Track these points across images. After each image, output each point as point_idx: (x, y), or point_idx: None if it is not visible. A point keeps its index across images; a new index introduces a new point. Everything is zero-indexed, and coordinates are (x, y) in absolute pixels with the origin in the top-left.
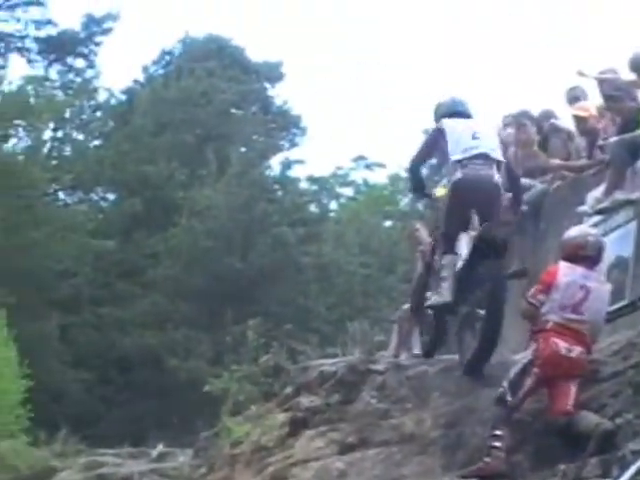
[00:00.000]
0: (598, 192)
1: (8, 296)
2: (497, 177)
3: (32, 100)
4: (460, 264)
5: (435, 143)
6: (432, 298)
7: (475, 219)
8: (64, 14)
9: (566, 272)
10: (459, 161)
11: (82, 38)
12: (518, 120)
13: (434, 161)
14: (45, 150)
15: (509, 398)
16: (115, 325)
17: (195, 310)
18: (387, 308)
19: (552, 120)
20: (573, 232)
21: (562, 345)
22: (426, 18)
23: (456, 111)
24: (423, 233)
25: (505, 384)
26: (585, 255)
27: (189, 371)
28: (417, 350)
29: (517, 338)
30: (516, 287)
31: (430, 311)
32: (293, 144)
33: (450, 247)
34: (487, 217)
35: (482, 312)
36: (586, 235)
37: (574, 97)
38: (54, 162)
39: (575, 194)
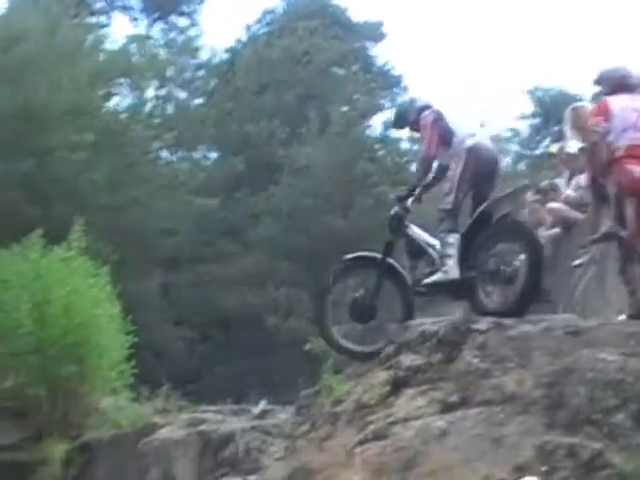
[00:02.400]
0: None
1: (112, 253)
2: None
3: (135, 59)
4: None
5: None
6: (436, 275)
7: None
8: None
9: (615, 101)
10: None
11: None
12: None
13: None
14: (148, 108)
15: (622, 233)
16: (216, 283)
17: (296, 269)
18: None
19: None
20: (611, 67)
21: (636, 169)
22: None
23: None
24: (529, 195)
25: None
26: (630, 84)
27: (289, 330)
28: None
29: (621, 299)
30: (614, 249)
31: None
32: (394, 104)
33: (455, 225)
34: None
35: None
36: (626, 66)
37: None
38: (157, 120)
39: None
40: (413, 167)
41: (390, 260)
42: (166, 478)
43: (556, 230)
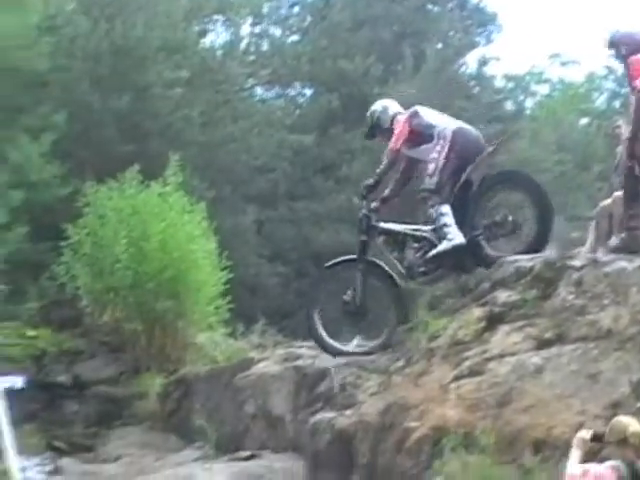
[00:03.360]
0: None
1: (207, 190)
2: None
3: None
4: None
5: None
6: (441, 245)
7: None
8: None
9: None
10: None
11: None
12: None
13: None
14: (243, 45)
15: None
16: (311, 220)
17: (389, 205)
18: (583, 205)
19: None
20: (626, 31)
21: None
22: None
23: None
24: (624, 130)
25: None
26: None
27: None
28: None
29: None
30: None
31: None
32: (489, 41)
33: (442, 199)
34: None
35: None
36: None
37: None
38: (252, 57)
39: None
40: (508, 105)
41: (369, 257)
42: (262, 412)
43: None
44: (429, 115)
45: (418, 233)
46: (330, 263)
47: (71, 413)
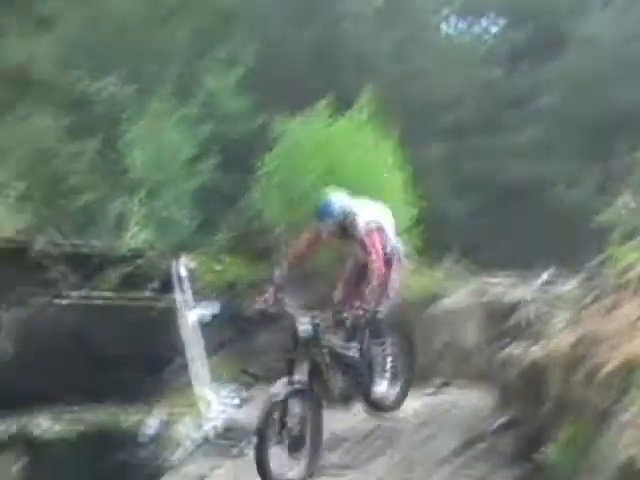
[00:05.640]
0: None
1: (397, 122)
2: None
3: None
4: None
5: None
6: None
7: None
8: None
9: None
10: None
11: None
12: None
13: None
14: None
15: None
16: (501, 153)
17: (581, 138)
18: None
19: None
20: None
21: None
22: None
23: None
24: None
25: None
26: None
27: (573, 200)
28: None
29: None
30: None
31: None
32: None
33: None
34: None
35: None
36: None
37: None
38: None
39: None
40: None
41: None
42: (451, 345)
43: None
44: (389, 231)
45: (347, 353)
46: (281, 397)
47: (263, 342)
